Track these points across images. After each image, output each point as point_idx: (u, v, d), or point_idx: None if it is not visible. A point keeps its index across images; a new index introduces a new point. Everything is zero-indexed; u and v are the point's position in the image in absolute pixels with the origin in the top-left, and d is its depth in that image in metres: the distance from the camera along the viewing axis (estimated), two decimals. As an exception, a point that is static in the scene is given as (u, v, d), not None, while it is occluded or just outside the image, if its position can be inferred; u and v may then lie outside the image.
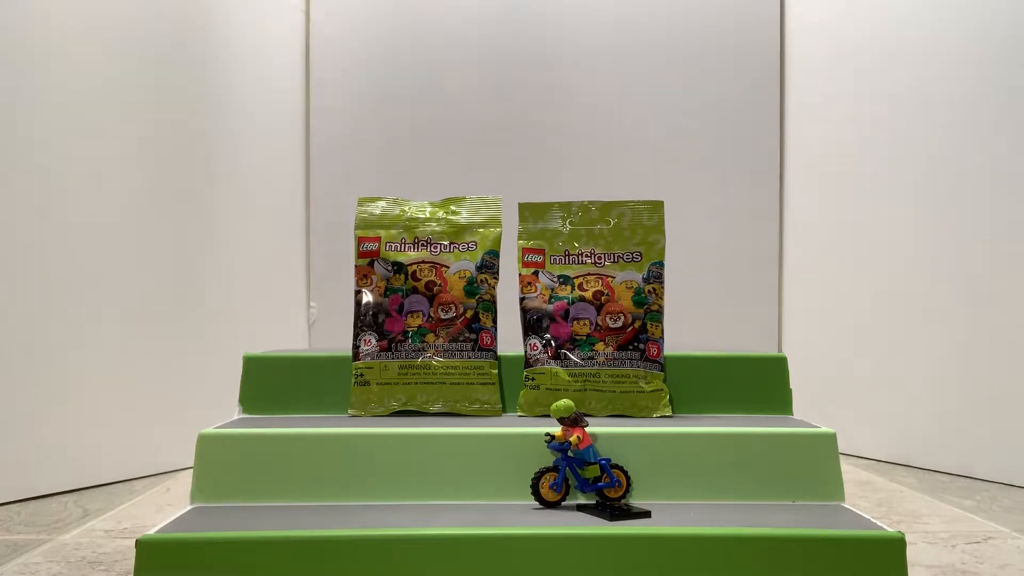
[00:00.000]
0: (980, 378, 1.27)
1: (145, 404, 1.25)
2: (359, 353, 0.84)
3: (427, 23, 1.63)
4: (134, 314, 1.24)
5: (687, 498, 0.72)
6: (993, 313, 1.25)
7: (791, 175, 1.62)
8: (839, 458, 0.73)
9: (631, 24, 1.63)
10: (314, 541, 0.61)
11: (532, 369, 0.84)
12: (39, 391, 1.11)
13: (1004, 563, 0.83)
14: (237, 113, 1.45)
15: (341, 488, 0.72)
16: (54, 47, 1.13)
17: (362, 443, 0.73)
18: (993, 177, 1.26)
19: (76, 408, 1.16)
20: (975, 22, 1.29)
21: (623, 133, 1.63)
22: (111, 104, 1.21)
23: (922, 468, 1.34)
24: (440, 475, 0.72)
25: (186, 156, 1.34)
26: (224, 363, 1.17)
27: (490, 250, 0.87)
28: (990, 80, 1.27)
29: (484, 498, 0.71)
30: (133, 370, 1.23)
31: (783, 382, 0.86)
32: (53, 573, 0.78)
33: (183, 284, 1.33)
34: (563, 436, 0.69)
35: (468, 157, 1.63)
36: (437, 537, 0.61)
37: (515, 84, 1.63)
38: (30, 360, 1.10)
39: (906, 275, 1.38)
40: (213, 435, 0.73)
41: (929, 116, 1.36)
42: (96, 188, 1.19)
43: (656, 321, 0.84)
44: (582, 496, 0.71)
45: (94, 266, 1.18)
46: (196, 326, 1.34)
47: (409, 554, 0.61)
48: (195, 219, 1.35)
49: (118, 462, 1.21)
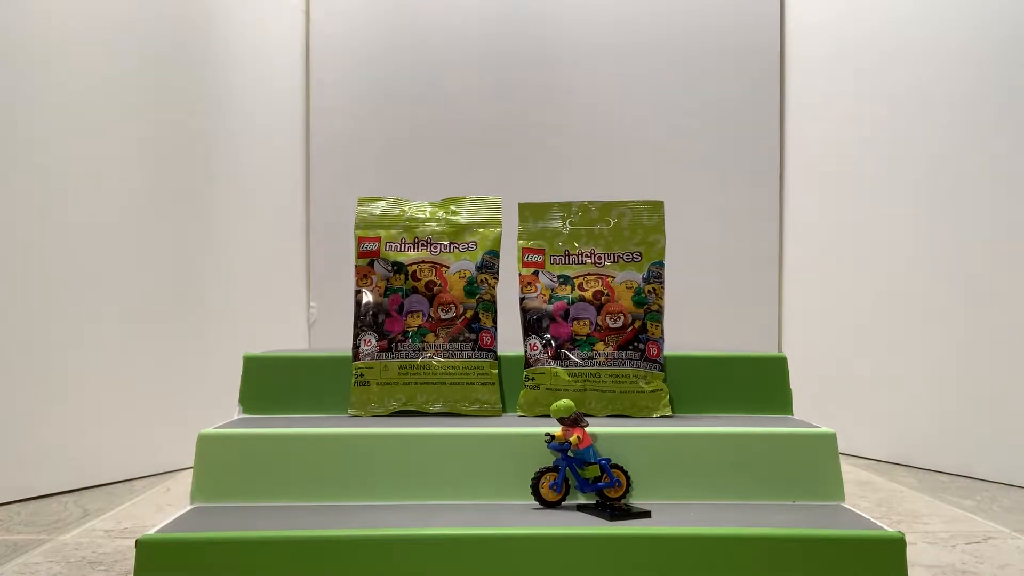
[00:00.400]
0: (980, 378, 1.27)
1: (145, 404, 1.25)
2: (359, 353, 0.84)
3: (427, 23, 1.63)
4: (134, 314, 1.24)
5: (687, 498, 0.72)
6: (993, 313, 1.25)
7: (791, 175, 1.62)
8: (839, 458, 0.73)
9: (631, 24, 1.63)
10: (314, 541, 0.61)
11: (532, 369, 0.84)
12: (39, 391, 1.11)
13: (1004, 563, 0.83)
14: (237, 113, 1.45)
15: (341, 488, 0.72)
16: (54, 47, 1.13)
17: (362, 443, 0.73)
18: (993, 177, 1.26)
19: (76, 408, 1.16)
20: (975, 22, 1.29)
21: (623, 133, 1.63)
22: (111, 104, 1.21)
23: (922, 468, 1.34)
24: (440, 475, 0.72)
25: (186, 156, 1.34)
26: (224, 363, 1.17)
27: (490, 250, 0.87)
28: (990, 80, 1.27)
29: (484, 498, 0.71)
30: (133, 370, 1.23)
31: (783, 382, 0.86)
32: (53, 573, 0.78)
33: (183, 284, 1.33)
34: (563, 436, 0.69)
35: (468, 157, 1.63)
36: (437, 537, 0.61)
37: (515, 84, 1.63)
38: (30, 360, 1.10)
39: (906, 275, 1.38)
40: (213, 435, 0.73)
41: (929, 116, 1.36)
42: (96, 188, 1.19)
43: (656, 321, 0.84)
44: (582, 496, 0.71)
45: (94, 266, 1.18)
46: (196, 326, 1.34)
47: (409, 554, 0.61)
48: (195, 219, 1.35)
49: (118, 462, 1.21)
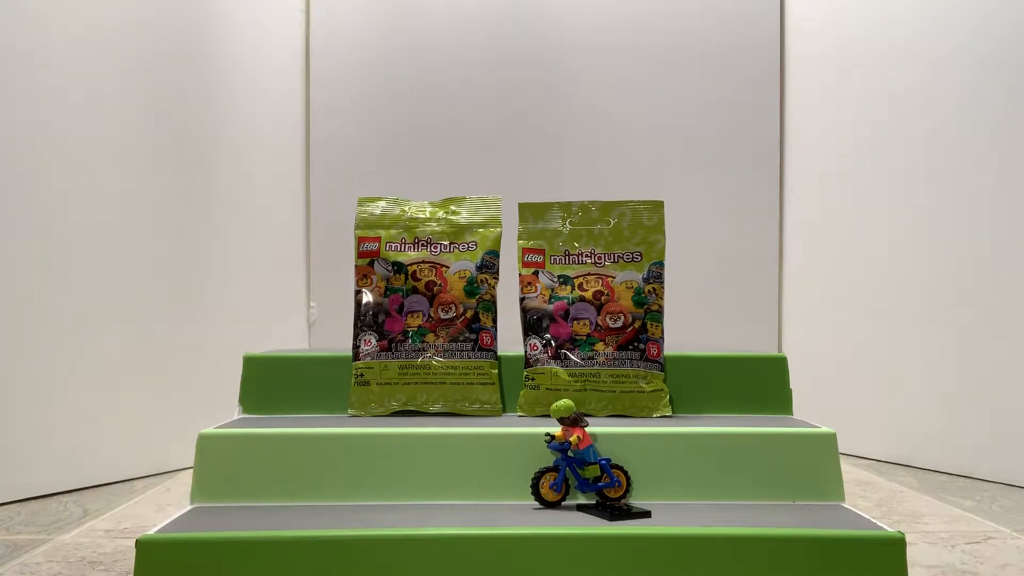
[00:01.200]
0: (980, 378, 1.27)
1: (145, 404, 1.25)
2: (359, 353, 0.84)
3: (427, 23, 1.63)
4: (134, 314, 1.24)
5: (687, 498, 0.72)
6: (993, 313, 1.25)
7: (791, 175, 1.62)
8: (839, 458, 0.73)
9: (631, 24, 1.63)
10: (314, 541, 0.61)
11: (532, 369, 0.84)
12: (39, 391, 1.11)
13: (1004, 563, 0.83)
14: (237, 113, 1.45)
15: (341, 488, 0.72)
16: (54, 47, 1.13)
17: (362, 443, 0.72)
18: (993, 177, 1.26)
19: (76, 408, 1.16)
20: (975, 21, 1.29)
21: (623, 133, 1.63)
22: (111, 104, 1.21)
23: (922, 468, 1.34)
24: (440, 475, 0.72)
25: (186, 156, 1.34)
26: (224, 363, 1.17)
27: (490, 250, 0.87)
28: (990, 79, 1.27)
29: (484, 498, 0.71)
30: (133, 370, 1.23)
31: (783, 382, 0.86)
32: (53, 573, 0.78)
33: (183, 284, 1.33)
34: (563, 436, 0.69)
35: (468, 157, 1.63)
36: (437, 537, 0.61)
37: (515, 84, 1.63)
38: (30, 360, 1.10)
39: (906, 275, 1.38)
40: (213, 435, 0.73)
41: (929, 115, 1.36)
42: (96, 188, 1.19)
43: (656, 321, 0.84)
44: (582, 496, 0.71)
45: (94, 266, 1.18)
46: (196, 326, 1.34)
47: (409, 554, 0.61)
48: (195, 219, 1.35)
49: (118, 462, 1.21)
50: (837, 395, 1.48)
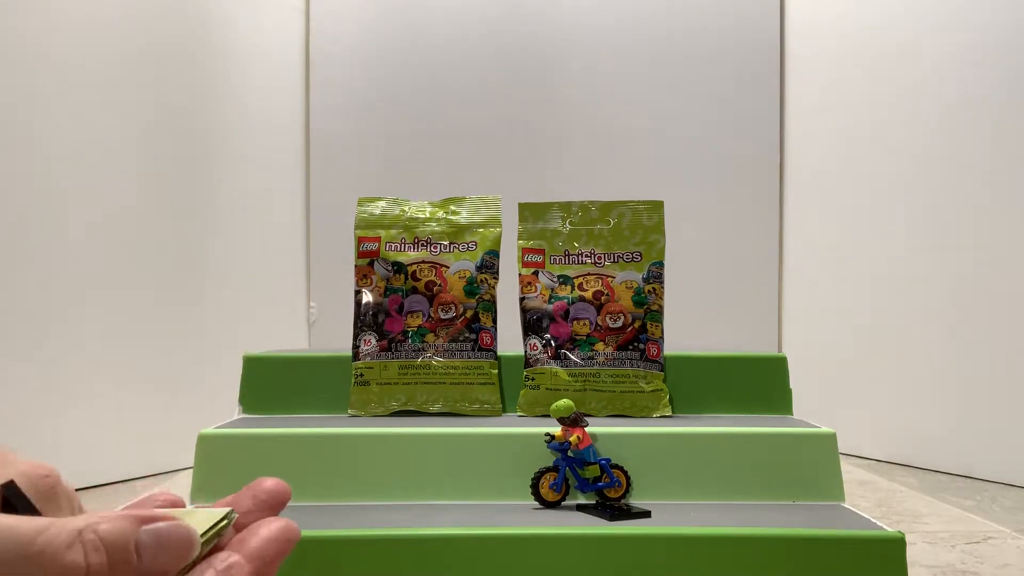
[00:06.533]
0: (980, 378, 1.27)
1: (145, 404, 1.25)
2: (359, 353, 0.84)
3: (427, 23, 1.63)
4: (134, 314, 1.24)
5: (687, 498, 0.72)
6: (993, 313, 1.25)
7: (791, 175, 1.62)
8: (839, 458, 0.73)
9: (631, 24, 1.63)
10: (314, 541, 0.61)
11: (532, 369, 0.84)
12: (40, 391, 1.11)
13: (1004, 563, 0.83)
14: (237, 113, 1.45)
15: (341, 488, 0.72)
16: (54, 47, 1.13)
17: (362, 443, 0.72)
18: (993, 176, 1.26)
19: (76, 408, 1.16)
20: (975, 21, 1.29)
21: (623, 133, 1.63)
22: (111, 104, 1.21)
23: (922, 468, 1.34)
24: (440, 475, 0.72)
25: (186, 156, 1.34)
26: (224, 363, 1.17)
27: (490, 250, 0.86)
28: (990, 80, 1.27)
29: (484, 498, 0.71)
30: (133, 370, 1.23)
31: (783, 382, 0.86)
32: (53, 573, 0.78)
33: (183, 284, 1.33)
34: (563, 436, 0.69)
35: (468, 157, 1.63)
36: (437, 537, 0.61)
37: (515, 84, 1.63)
38: (30, 360, 1.10)
39: (906, 275, 1.38)
40: (213, 435, 0.73)
41: (929, 115, 1.36)
42: (96, 188, 1.19)
43: (656, 321, 0.84)
44: (582, 496, 0.71)
45: (95, 265, 1.18)
46: (196, 326, 1.34)
47: (409, 554, 0.61)
48: (195, 219, 1.35)
49: (118, 462, 1.21)
50: (837, 395, 1.48)
